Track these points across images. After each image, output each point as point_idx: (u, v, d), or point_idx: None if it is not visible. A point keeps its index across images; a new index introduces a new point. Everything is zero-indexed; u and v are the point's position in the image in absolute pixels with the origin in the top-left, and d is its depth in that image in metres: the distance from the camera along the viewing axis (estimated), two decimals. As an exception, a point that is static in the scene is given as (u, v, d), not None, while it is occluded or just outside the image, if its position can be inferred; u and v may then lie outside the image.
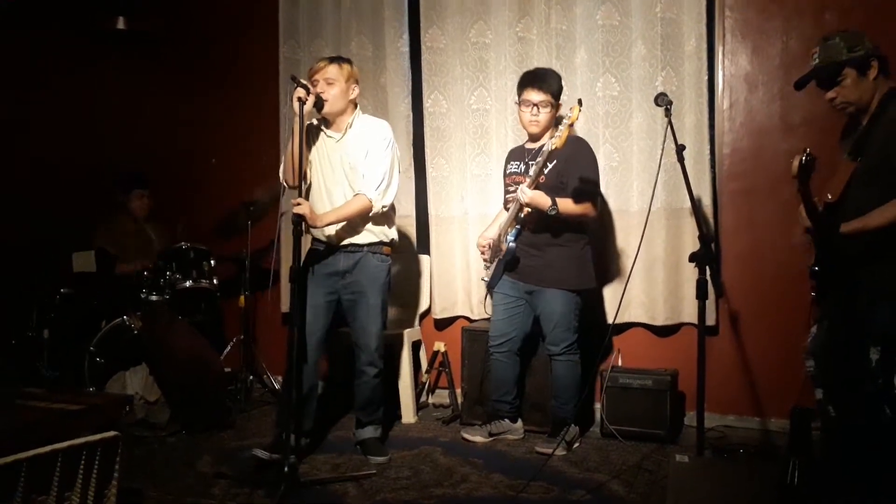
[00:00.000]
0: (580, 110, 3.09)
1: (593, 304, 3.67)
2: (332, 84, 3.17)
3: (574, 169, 3.30)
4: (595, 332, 3.57)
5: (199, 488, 2.93)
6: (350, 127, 3.25)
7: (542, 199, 3.20)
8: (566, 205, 3.24)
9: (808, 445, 2.40)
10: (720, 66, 3.74)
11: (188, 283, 4.05)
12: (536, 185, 3.24)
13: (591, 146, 3.49)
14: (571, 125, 3.10)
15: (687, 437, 3.49)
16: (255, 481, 2.93)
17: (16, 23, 4.45)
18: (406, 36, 4.29)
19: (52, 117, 4.61)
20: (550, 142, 3.14)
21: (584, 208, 3.29)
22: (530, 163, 3.39)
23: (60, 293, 4.07)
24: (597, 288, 3.66)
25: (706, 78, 3.69)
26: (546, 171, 3.25)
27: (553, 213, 3.19)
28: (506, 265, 3.42)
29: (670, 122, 2.94)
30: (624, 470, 3.13)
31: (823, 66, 2.59)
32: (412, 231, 4.34)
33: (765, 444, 3.44)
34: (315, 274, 3.26)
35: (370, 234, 3.25)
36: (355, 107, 3.30)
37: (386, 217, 3.30)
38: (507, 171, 3.54)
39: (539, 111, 3.35)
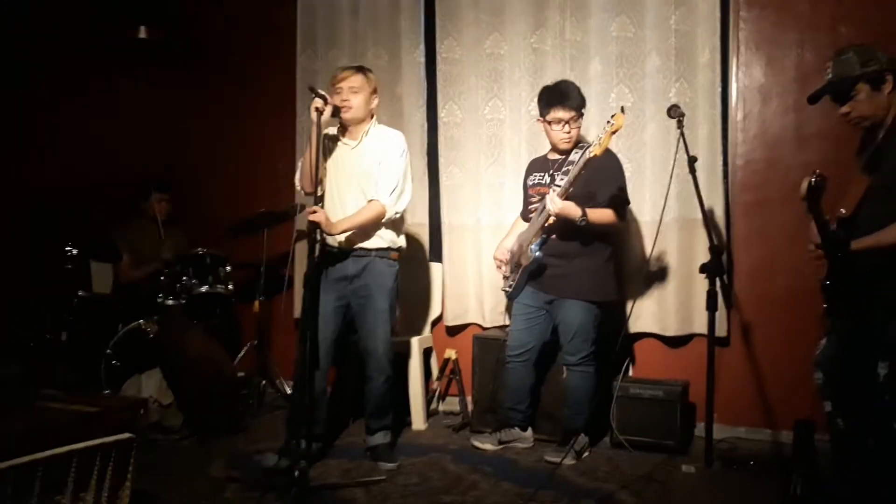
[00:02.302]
0: (624, 118, 3.03)
1: (606, 313, 3.67)
2: (357, 93, 3.23)
3: (602, 178, 3.31)
4: (606, 342, 3.58)
5: (211, 492, 2.97)
6: (366, 135, 3.30)
7: (573, 210, 3.19)
8: (595, 215, 3.23)
9: (812, 457, 2.40)
10: (734, 78, 3.75)
11: (204, 289, 4.10)
12: (566, 195, 3.23)
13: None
14: (614, 132, 3.04)
15: (697, 448, 3.47)
16: (266, 485, 2.96)
17: (38, 31, 4.54)
18: (422, 46, 4.34)
19: (72, 123, 4.69)
20: (590, 149, 3.09)
21: (612, 218, 3.30)
22: (555, 174, 3.40)
23: (78, 297, 4.13)
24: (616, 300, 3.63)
25: (720, 89, 3.69)
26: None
27: (583, 223, 3.19)
28: (530, 274, 3.43)
29: (682, 134, 2.96)
30: (633, 480, 3.12)
31: (837, 82, 2.58)
32: (425, 238, 4.37)
33: (775, 456, 3.43)
34: (326, 278, 3.30)
35: (379, 240, 3.29)
36: (372, 116, 3.35)
37: (395, 224, 3.34)
38: (531, 183, 3.55)
39: (570, 128, 3.35)
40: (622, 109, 3.07)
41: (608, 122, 3.04)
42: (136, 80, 5.00)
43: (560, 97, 3.35)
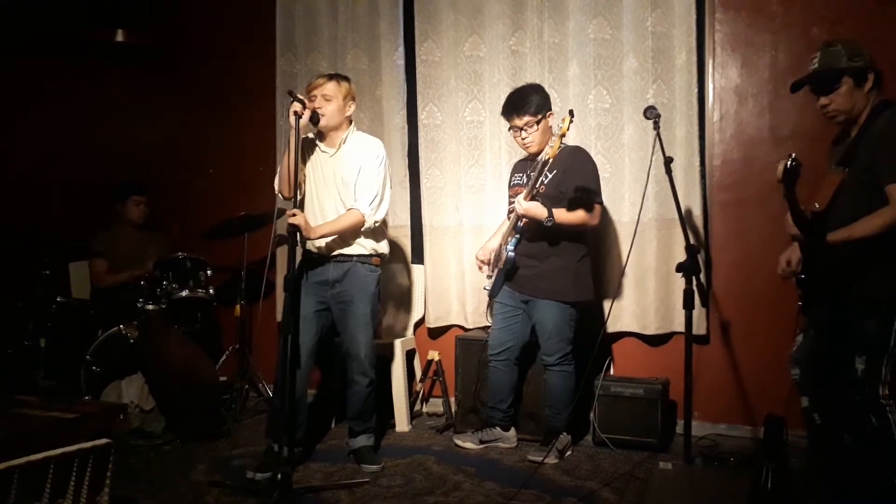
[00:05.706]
0: (571, 121, 3.13)
1: (585, 313, 3.70)
2: (330, 101, 3.23)
3: (572, 179, 3.34)
4: (587, 341, 3.60)
5: (193, 496, 2.95)
6: (344, 143, 3.31)
7: (539, 210, 3.24)
8: (563, 215, 3.27)
9: (782, 451, 2.43)
10: (710, 79, 3.79)
11: (184, 293, 4.06)
12: (535, 195, 3.28)
13: (586, 157, 3.52)
14: (562, 136, 3.14)
15: (678, 445, 3.50)
16: (248, 489, 2.95)
17: (14, 34, 4.50)
18: (401, 49, 4.34)
19: (49, 128, 4.65)
20: (544, 153, 3.20)
21: (582, 218, 3.32)
22: (531, 174, 3.43)
23: (57, 302, 4.10)
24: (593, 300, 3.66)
25: (696, 90, 3.73)
26: (545, 182, 3.30)
27: (549, 223, 3.22)
28: (506, 274, 3.46)
29: (658, 135, 2.99)
30: (615, 478, 3.15)
31: (822, 72, 2.60)
32: (406, 241, 4.37)
33: (755, 452, 3.46)
34: (307, 281, 3.29)
35: (360, 247, 3.30)
36: (350, 123, 3.35)
37: (376, 232, 3.35)
38: (513, 183, 3.59)
39: (527, 133, 3.39)
40: (570, 113, 3.14)
41: (558, 126, 3.14)
42: (114, 83, 4.98)
43: (511, 108, 3.41)
